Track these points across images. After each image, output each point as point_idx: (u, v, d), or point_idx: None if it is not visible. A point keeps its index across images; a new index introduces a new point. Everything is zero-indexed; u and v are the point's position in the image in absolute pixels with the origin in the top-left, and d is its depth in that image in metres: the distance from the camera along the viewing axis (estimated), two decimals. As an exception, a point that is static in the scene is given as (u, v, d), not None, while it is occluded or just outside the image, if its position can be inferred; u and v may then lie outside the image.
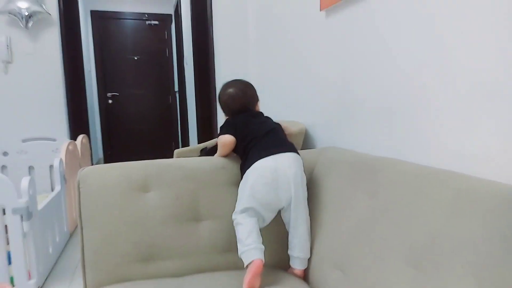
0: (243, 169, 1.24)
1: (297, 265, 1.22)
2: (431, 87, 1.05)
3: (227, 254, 1.25)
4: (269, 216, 1.21)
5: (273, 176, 1.17)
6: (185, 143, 4.76)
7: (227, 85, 1.43)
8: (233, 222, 1.19)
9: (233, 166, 1.31)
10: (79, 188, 1.17)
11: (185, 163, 1.28)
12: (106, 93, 5.32)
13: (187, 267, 1.20)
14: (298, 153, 1.26)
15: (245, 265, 1.11)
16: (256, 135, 1.27)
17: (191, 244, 1.20)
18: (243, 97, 1.39)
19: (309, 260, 1.22)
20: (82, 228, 1.16)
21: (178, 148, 5.38)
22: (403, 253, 0.86)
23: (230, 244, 1.24)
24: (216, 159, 1.33)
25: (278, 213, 1.24)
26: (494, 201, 0.74)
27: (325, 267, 1.12)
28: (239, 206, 1.19)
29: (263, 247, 1.13)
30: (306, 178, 1.26)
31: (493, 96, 0.87)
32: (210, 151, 1.54)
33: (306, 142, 1.83)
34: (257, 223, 1.17)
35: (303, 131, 1.76)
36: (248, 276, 1.08)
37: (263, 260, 1.10)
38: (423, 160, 1.07)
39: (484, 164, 0.90)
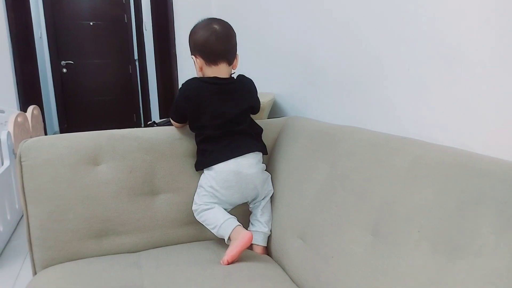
0: (202, 163, 1.18)
1: (258, 241, 1.18)
2: (388, 56, 1.04)
3: (186, 227, 1.21)
4: (232, 207, 1.20)
5: (236, 179, 1.13)
6: (147, 115, 4.60)
7: (211, 20, 1.15)
8: (194, 212, 1.16)
9: (191, 137, 1.25)
10: (20, 162, 1.08)
11: (140, 133, 1.21)
12: (60, 61, 4.99)
13: (144, 242, 1.15)
14: (258, 148, 1.19)
15: (226, 240, 1.09)
16: (215, 132, 1.14)
17: (147, 218, 1.15)
18: (228, 41, 1.14)
19: (271, 231, 1.20)
20: (26, 204, 1.08)
21: (140, 121, 5.21)
22: (361, 220, 0.86)
23: (190, 216, 1.21)
24: (172, 129, 1.26)
25: None
26: (448, 166, 0.74)
27: (286, 237, 1.12)
28: (202, 200, 1.15)
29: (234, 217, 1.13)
30: (270, 148, 1.25)
31: (449, 64, 0.87)
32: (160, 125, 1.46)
33: (274, 111, 1.79)
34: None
35: (271, 103, 1.72)
36: (235, 248, 1.04)
37: (239, 224, 1.09)
38: (384, 128, 1.07)
39: (440, 130, 0.91)
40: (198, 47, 1.14)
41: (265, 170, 1.24)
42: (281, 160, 1.26)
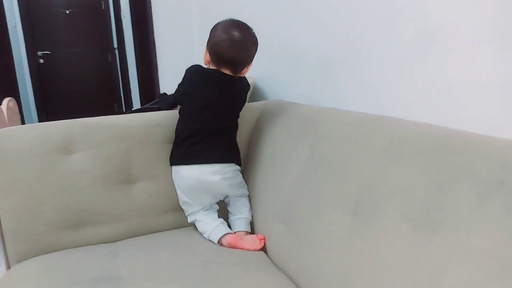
0: (172, 157, 1.17)
1: (241, 227, 1.15)
2: (367, 36, 1.03)
3: (166, 215, 1.19)
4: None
5: (202, 186, 1.12)
6: (128, 104, 4.52)
7: (236, 24, 1.10)
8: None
9: (169, 123, 1.21)
10: (-11, 153, 1.03)
11: (115, 121, 1.17)
12: (36, 52, 4.83)
13: (122, 231, 1.13)
14: (228, 161, 1.16)
15: (216, 242, 1.10)
16: (195, 129, 1.12)
17: (125, 207, 1.12)
18: (241, 52, 1.09)
19: (253, 216, 1.18)
20: (-3, 197, 1.04)
21: (122, 109, 5.11)
22: (341, 202, 0.85)
23: (168, 204, 1.19)
24: (149, 115, 1.22)
25: None
26: (427, 144, 0.73)
27: (268, 222, 1.10)
28: (185, 208, 1.17)
29: (223, 221, 1.15)
30: (250, 132, 1.25)
31: (429, 42, 0.85)
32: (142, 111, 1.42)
33: (255, 95, 1.77)
34: (212, 212, 1.17)
35: (251, 86, 1.70)
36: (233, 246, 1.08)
37: (230, 231, 1.11)
38: (365, 109, 1.05)
39: (421, 109, 0.90)
40: (210, 45, 1.10)
41: (239, 171, 1.21)
42: (261, 144, 1.24)
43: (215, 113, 1.13)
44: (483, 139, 0.68)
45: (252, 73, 1.77)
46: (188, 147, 1.12)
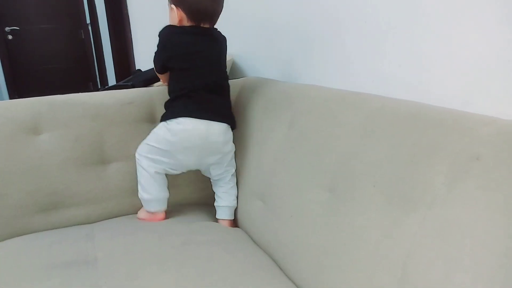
0: (169, 113, 1.07)
1: (225, 215, 1.14)
2: (345, 9, 1.00)
3: (142, 196, 1.16)
4: (179, 171, 1.13)
5: (201, 143, 1.05)
6: (104, 82, 4.38)
7: None
8: (136, 160, 1.09)
9: (142, 101, 1.17)
10: None
11: (85, 98, 1.12)
12: (4, 27, 4.60)
13: (97, 213, 1.10)
14: (231, 122, 1.13)
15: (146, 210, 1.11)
16: (197, 85, 1.05)
17: (99, 188, 1.09)
18: (219, 4, 1.05)
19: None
20: (-40, 181, 0.99)
21: (97, 88, 4.96)
22: (318, 179, 0.84)
23: (145, 184, 1.15)
24: (121, 92, 1.17)
25: None
26: (402, 119, 0.72)
27: (248, 199, 1.10)
28: (150, 152, 1.06)
29: (167, 194, 1.10)
30: None
31: (405, 15, 0.84)
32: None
33: (234, 72, 1.73)
34: (163, 172, 1.09)
35: (230, 64, 1.65)
36: (145, 219, 1.10)
37: (165, 213, 1.11)
38: (342, 85, 1.04)
39: (398, 84, 0.89)
40: (185, 2, 1.02)
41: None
42: (239, 122, 1.21)
43: (213, 67, 1.09)
44: (459, 115, 0.67)
45: (230, 50, 1.73)
46: (194, 102, 1.05)
